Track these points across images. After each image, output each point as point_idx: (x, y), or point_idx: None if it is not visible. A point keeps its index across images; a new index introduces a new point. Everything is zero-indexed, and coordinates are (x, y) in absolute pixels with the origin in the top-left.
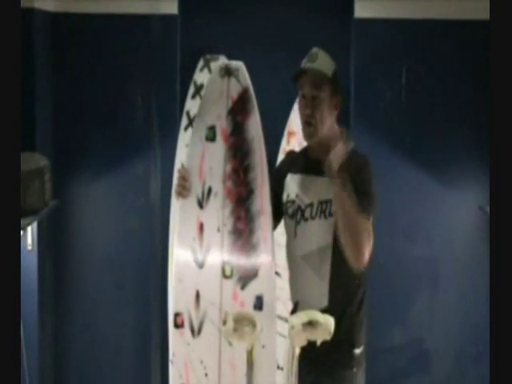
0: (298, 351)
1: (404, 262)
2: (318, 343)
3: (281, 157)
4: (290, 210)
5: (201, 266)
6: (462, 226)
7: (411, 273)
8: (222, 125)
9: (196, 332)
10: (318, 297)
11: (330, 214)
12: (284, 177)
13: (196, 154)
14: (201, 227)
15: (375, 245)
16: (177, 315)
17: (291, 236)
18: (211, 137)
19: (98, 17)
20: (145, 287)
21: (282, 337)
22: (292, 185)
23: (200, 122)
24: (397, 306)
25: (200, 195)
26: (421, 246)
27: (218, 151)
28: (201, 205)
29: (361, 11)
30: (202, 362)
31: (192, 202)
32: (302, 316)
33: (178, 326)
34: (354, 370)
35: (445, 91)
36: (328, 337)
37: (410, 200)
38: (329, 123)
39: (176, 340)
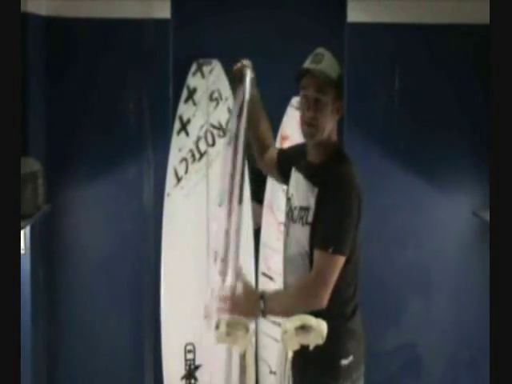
0: (290, 355)
1: (397, 268)
2: (311, 347)
3: None
4: (287, 208)
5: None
6: (455, 231)
7: (404, 278)
8: None
9: None
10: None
11: (307, 223)
12: (291, 165)
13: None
14: None
15: (368, 249)
16: None
17: (285, 234)
18: None
19: (90, 21)
20: (138, 291)
21: (275, 341)
22: (292, 181)
23: None
24: (390, 311)
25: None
26: (414, 251)
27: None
28: None
29: (354, 15)
30: None
31: None
32: (295, 320)
33: None
34: (341, 381)
35: (439, 95)
36: (321, 341)
37: (402, 205)
38: (330, 127)
39: None
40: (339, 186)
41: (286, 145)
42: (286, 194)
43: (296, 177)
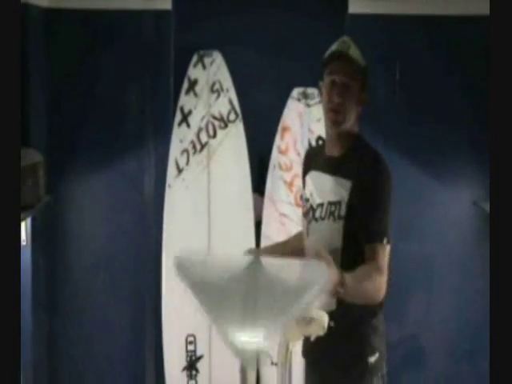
0: (291, 346)
1: (399, 259)
2: (312, 338)
3: (275, 153)
4: (304, 209)
5: None
6: (456, 223)
7: (406, 270)
8: None
9: None
10: (325, 300)
11: (340, 217)
12: (305, 175)
13: None
14: None
15: None
16: None
17: (305, 235)
18: None
19: (91, 12)
20: (139, 283)
21: None
22: (309, 182)
23: None
24: (392, 304)
25: None
26: (416, 242)
27: None
28: None
29: (354, 7)
30: None
31: None
32: None
33: None
34: (368, 378)
35: (440, 88)
36: (322, 332)
37: (404, 197)
38: (354, 117)
39: None
40: (380, 177)
41: (287, 135)
42: (304, 196)
43: (314, 175)
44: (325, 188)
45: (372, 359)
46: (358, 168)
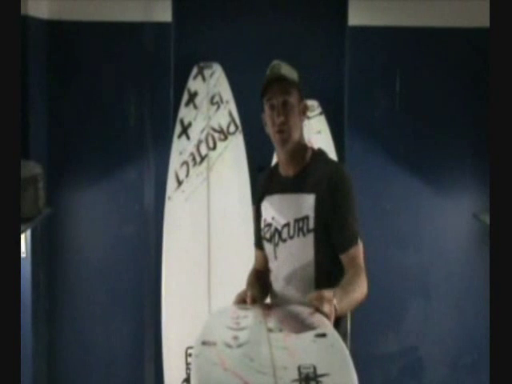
0: None
1: (397, 270)
2: None
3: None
4: (268, 235)
5: None
6: (455, 234)
7: (405, 281)
8: None
9: None
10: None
11: (309, 230)
12: (260, 202)
13: None
14: None
15: (368, 252)
16: None
17: (272, 259)
18: None
19: (91, 25)
20: (139, 294)
21: None
22: (267, 207)
23: None
24: (390, 314)
25: None
26: (414, 253)
27: None
28: None
29: (355, 19)
30: None
31: None
32: None
33: None
34: None
35: (439, 99)
36: None
37: (403, 208)
38: (299, 130)
39: None
40: (341, 183)
41: None
42: (263, 223)
43: (273, 199)
44: (288, 207)
45: None
46: (319, 180)
